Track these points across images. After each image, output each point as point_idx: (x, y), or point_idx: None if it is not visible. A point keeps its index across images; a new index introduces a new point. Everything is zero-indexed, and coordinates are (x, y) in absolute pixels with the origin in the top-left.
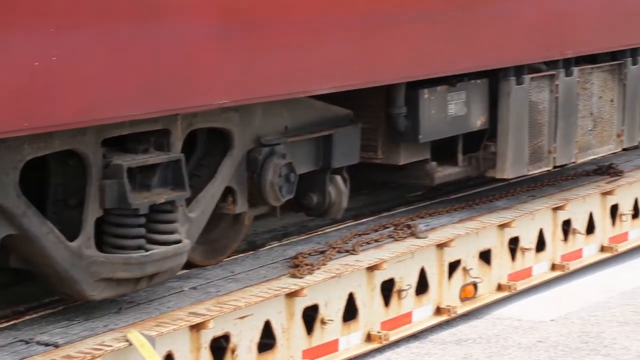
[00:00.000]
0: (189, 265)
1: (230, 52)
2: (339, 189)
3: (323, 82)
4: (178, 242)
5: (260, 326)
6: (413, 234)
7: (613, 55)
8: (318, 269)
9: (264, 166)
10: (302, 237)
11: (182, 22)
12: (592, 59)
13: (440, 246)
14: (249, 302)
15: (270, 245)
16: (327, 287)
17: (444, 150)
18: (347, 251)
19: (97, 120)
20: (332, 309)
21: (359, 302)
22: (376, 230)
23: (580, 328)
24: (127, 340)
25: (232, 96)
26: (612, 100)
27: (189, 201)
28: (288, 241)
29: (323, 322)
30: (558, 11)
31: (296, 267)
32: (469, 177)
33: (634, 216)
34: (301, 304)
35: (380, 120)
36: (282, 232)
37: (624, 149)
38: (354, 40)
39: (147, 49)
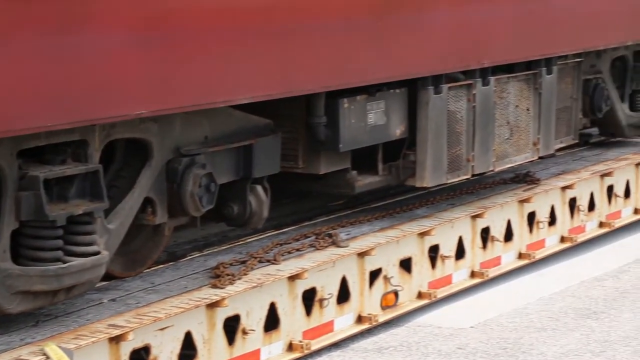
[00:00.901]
0: (108, 277)
1: (148, 62)
2: (259, 199)
3: (243, 92)
4: (96, 253)
5: (180, 337)
6: (334, 243)
7: (528, 65)
8: (239, 279)
9: (183, 176)
10: (223, 247)
11: (99, 33)
12: (508, 69)
13: (362, 255)
14: (169, 313)
15: (191, 255)
16: (248, 297)
17: (364, 159)
18: (268, 261)
19: (11, 131)
20: (253, 319)
21: (280, 312)
22: (297, 240)
23: (499, 334)
24: (44, 354)
25: (150, 106)
26: (528, 109)
27: (107, 212)
28: (209, 251)
29: (244, 332)
30: (474, 22)
31: (217, 277)
32: (389, 186)
33: (551, 223)
34: (222, 314)
35: (301, 129)
36: (203, 242)
37: (540, 157)
38: (273, 50)
39: (63, 59)
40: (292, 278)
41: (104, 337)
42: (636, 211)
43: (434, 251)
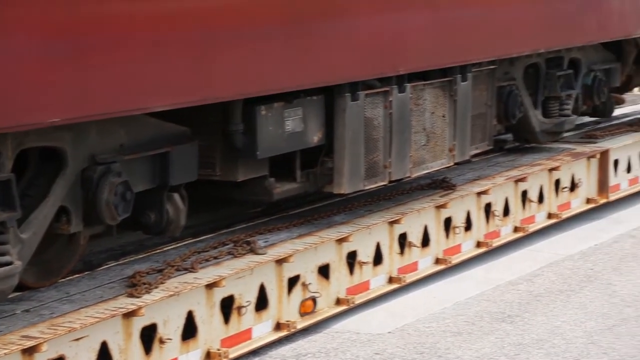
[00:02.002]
0: (21, 287)
1: (62, 70)
2: (177, 207)
3: (159, 100)
4: (9, 263)
5: (96, 347)
6: (252, 251)
7: (444, 72)
8: (156, 287)
9: (99, 185)
10: (140, 256)
11: (10, 40)
12: (424, 76)
13: (280, 262)
14: (84, 323)
15: (107, 264)
16: (165, 305)
17: (282, 166)
18: (185, 269)
19: None
20: (170, 328)
21: (198, 320)
22: (215, 248)
23: (416, 339)
24: None
25: (64, 114)
26: (443, 116)
27: (20, 222)
28: (125, 260)
29: (162, 342)
30: (391, 29)
31: (134, 286)
32: (307, 193)
33: (467, 228)
34: (139, 323)
35: (218, 137)
36: (120, 251)
37: (456, 163)
38: (190, 58)
39: None
40: (210, 286)
41: (17, 348)
42: (549, 216)
43: (352, 257)
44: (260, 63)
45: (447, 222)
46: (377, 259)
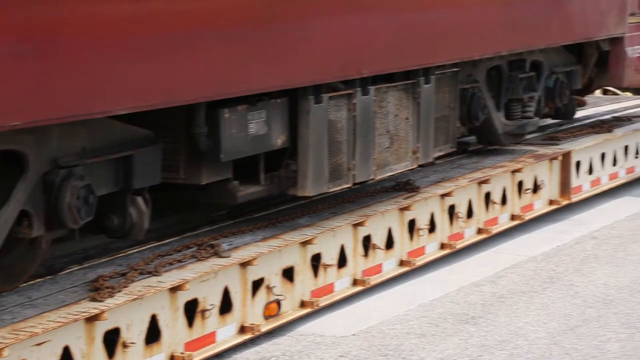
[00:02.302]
0: None
1: (23, 73)
2: (140, 210)
3: (122, 103)
4: None
5: (59, 352)
6: (216, 254)
7: (407, 75)
8: (119, 291)
9: (61, 188)
10: (103, 260)
11: None
12: (387, 78)
13: (244, 265)
14: (46, 328)
15: (70, 268)
16: (128, 309)
17: (246, 169)
18: (149, 272)
19: None
20: (134, 332)
21: (162, 324)
22: (179, 251)
23: (380, 341)
24: None
25: (25, 118)
26: (407, 118)
27: None
28: (89, 264)
29: (125, 346)
30: (354, 32)
31: (96, 290)
32: (271, 196)
33: (431, 230)
34: (102, 327)
35: (182, 140)
36: (83, 255)
37: (420, 165)
38: (153, 61)
39: None
40: (174, 289)
41: None
42: (513, 217)
43: (316, 260)
44: (223, 66)
45: (411, 224)
46: (342, 261)
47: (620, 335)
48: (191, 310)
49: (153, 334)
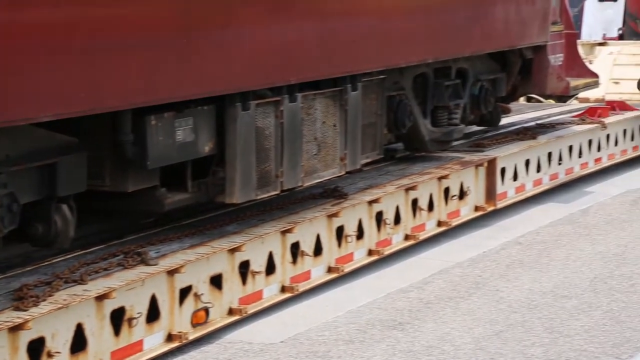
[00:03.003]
0: None
1: None
2: (65, 218)
3: (45, 110)
4: None
5: None
6: (143, 261)
7: (334, 82)
8: (44, 300)
9: None
10: (28, 269)
11: None
12: (315, 86)
13: (171, 273)
14: None
15: None
16: (53, 318)
17: (173, 176)
18: (75, 281)
19: None
20: (59, 341)
21: (88, 333)
22: (105, 259)
23: (309, 348)
24: None
25: None
26: (334, 125)
27: None
28: (12, 273)
29: (50, 355)
30: (281, 40)
31: (20, 299)
32: (199, 203)
33: (359, 237)
34: (26, 337)
35: (108, 147)
36: (6, 264)
37: (348, 172)
38: (77, 68)
39: None
40: (100, 298)
41: None
42: (439, 224)
43: (244, 267)
44: (149, 73)
45: (339, 231)
46: (270, 268)
47: (544, 340)
48: (118, 318)
49: (79, 343)
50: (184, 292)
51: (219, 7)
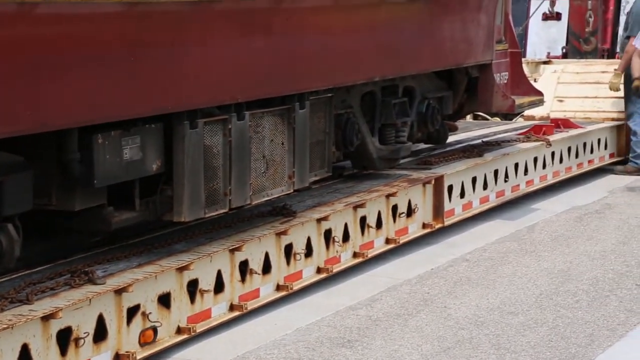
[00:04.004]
0: None
1: None
2: (10, 238)
3: None
4: None
5: None
6: (90, 281)
7: (282, 100)
8: None
9: None
10: None
11: None
12: (263, 104)
13: (119, 292)
14: None
15: None
16: None
17: (121, 195)
18: (20, 301)
19: None
20: None
21: (33, 353)
22: (52, 278)
23: None
24: None
25: None
26: (283, 144)
27: None
28: None
29: None
30: (228, 58)
31: None
32: (147, 222)
33: (307, 255)
34: None
35: (54, 165)
36: None
37: (296, 190)
38: (21, 86)
39: None
40: (46, 318)
41: None
42: (388, 241)
43: (193, 286)
44: (96, 91)
45: (288, 249)
46: (219, 286)
47: (490, 357)
48: (64, 338)
49: None
50: (132, 311)
51: (166, 25)
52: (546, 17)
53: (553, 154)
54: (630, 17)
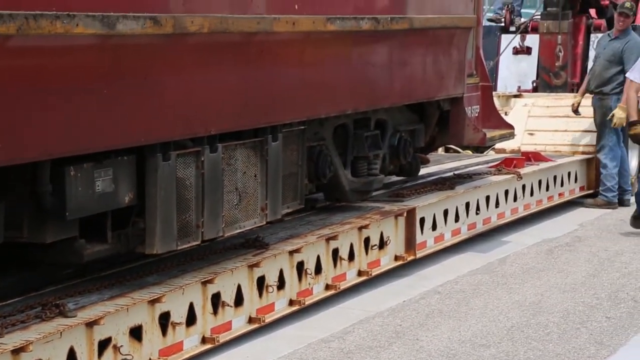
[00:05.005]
0: None
1: None
2: None
3: None
4: None
5: None
6: (62, 314)
7: (255, 132)
8: None
9: None
10: None
11: None
12: (236, 136)
13: (90, 325)
14: None
15: None
16: None
17: (93, 227)
18: None
19: None
20: None
21: None
22: (23, 311)
23: None
24: None
25: None
26: (255, 176)
27: None
28: None
29: None
30: (202, 90)
31: None
32: (119, 254)
33: (280, 287)
34: None
35: (26, 197)
36: None
37: (269, 222)
38: None
39: None
40: (16, 351)
41: None
42: (360, 273)
43: (165, 318)
44: (69, 123)
45: (261, 281)
46: (191, 319)
47: None
48: None
49: None
50: (103, 344)
51: (139, 57)
52: (517, 52)
53: (524, 186)
54: (629, 52)
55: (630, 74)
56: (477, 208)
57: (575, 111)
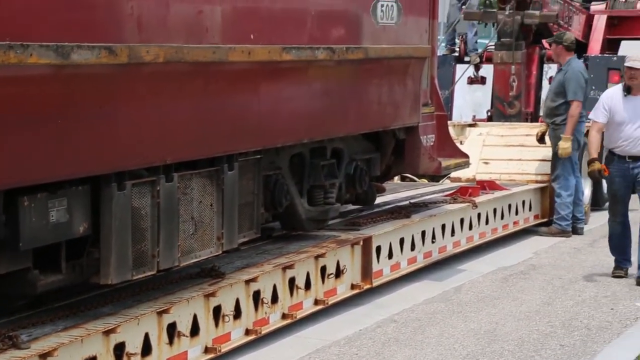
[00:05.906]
0: None
1: None
2: None
3: None
4: None
5: None
6: (15, 345)
7: (211, 162)
8: None
9: None
10: None
11: None
12: (192, 165)
13: (44, 356)
14: None
15: None
16: None
17: (47, 257)
18: None
19: None
20: None
21: None
22: None
23: None
24: None
25: None
26: (211, 205)
27: None
28: None
29: None
30: (157, 120)
31: None
32: (73, 284)
33: (236, 316)
34: None
35: None
36: None
37: (225, 252)
38: None
39: None
40: None
41: None
42: (316, 302)
43: (119, 349)
44: (22, 153)
45: (217, 311)
46: (146, 349)
47: None
48: None
49: None
50: None
51: (93, 87)
52: (471, 81)
53: (479, 215)
54: (568, 82)
55: (591, 115)
56: (433, 236)
57: (540, 140)
